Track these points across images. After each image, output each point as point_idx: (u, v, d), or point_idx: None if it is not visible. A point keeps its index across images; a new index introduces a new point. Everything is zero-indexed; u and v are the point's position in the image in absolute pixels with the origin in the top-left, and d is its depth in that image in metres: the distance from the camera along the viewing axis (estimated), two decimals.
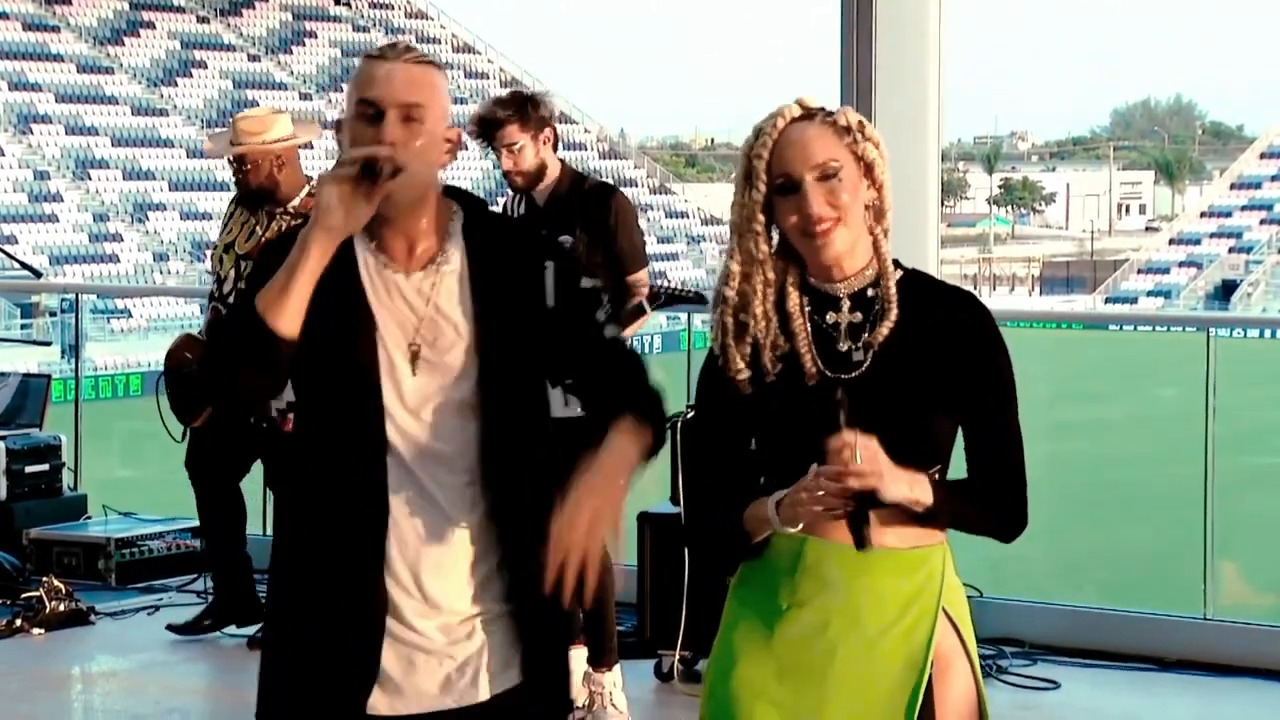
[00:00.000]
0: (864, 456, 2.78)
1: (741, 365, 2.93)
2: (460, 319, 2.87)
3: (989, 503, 2.95)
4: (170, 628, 6.77)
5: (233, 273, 6.55)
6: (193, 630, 6.74)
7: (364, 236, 2.87)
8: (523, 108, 5.62)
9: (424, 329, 2.86)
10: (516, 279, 2.90)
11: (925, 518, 2.90)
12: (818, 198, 2.88)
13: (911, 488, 2.85)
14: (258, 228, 6.57)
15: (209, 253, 6.80)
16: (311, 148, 7.15)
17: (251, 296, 2.83)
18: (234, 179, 6.64)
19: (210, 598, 6.91)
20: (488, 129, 5.60)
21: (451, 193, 2.97)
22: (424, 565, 2.84)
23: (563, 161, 5.71)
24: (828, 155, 2.89)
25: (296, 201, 6.56)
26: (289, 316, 2.79)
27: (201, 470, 6.71)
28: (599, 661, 5.57)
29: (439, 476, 2.85)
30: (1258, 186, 72.06)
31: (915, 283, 2.97)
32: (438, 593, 2.85)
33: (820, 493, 2.80)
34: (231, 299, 6.52)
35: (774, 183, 2.91)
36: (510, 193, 5.79)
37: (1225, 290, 66.23)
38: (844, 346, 2.93)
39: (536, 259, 2.93)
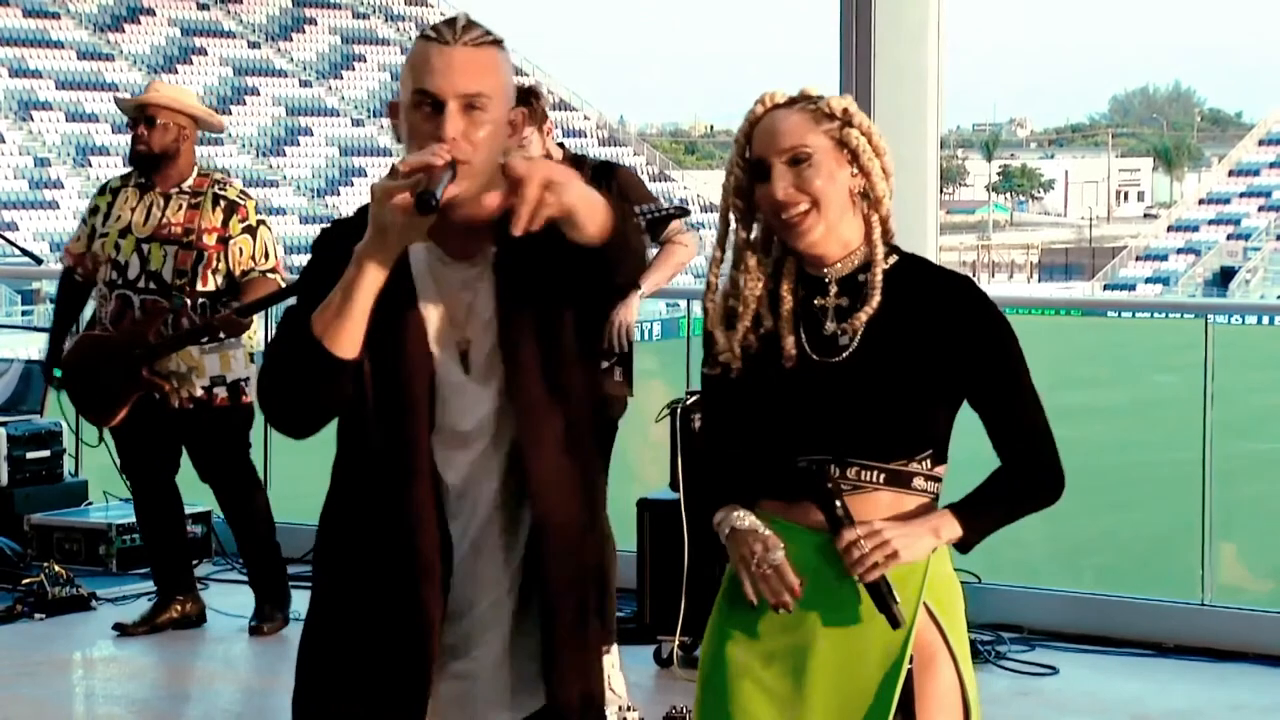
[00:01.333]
0: (871, 544, 2.81)
1: (727, 348, 2.93)
2: (490, 314, 2.69)
3: (1024, 484, 2.95)
4: (117, 627, 6.68)
5: (135, 257, 6.42)
6: (138, 630, 6.63)
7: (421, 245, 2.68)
8: (528, 102, 5.61)
9: (469, 326, 2.69)
10: (540, 264, 2.69)
11: (963, 545, 2.92)
12: (784, 182, 2.88)
13: (937, 534, 2.88)
14: (153, 208, 6.48)
15: (86, 242, 6.54)
16: (219, 132, 7.13)
17: (304, 312, 2.62)
18: (132, 143, 6.51)
19: (155, 596, 6.83)
20: None
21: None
22: (460, 570, 2.71)
23: (562, 145, 5.74)
24: (798, 140, 2.88)
25: (190, 181, 6.52)
26: (350, 339, 2.59)
27: (138, 469, 6.62)
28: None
29: (480, 482, 2.70)
30: (1256, 173, 72.04)
31: (909, 268, 2.95)
32: (469, 593, 2.72)
33: (764, 585, 2.86)
34: (141, 284, 6.41)
35: (749, 167, 2.92)
36: None
37: (1223, 277, 66.25)
38: (830, 330, 2.92)
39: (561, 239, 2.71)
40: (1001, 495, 2.95)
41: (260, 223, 6.54)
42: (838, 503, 2.83)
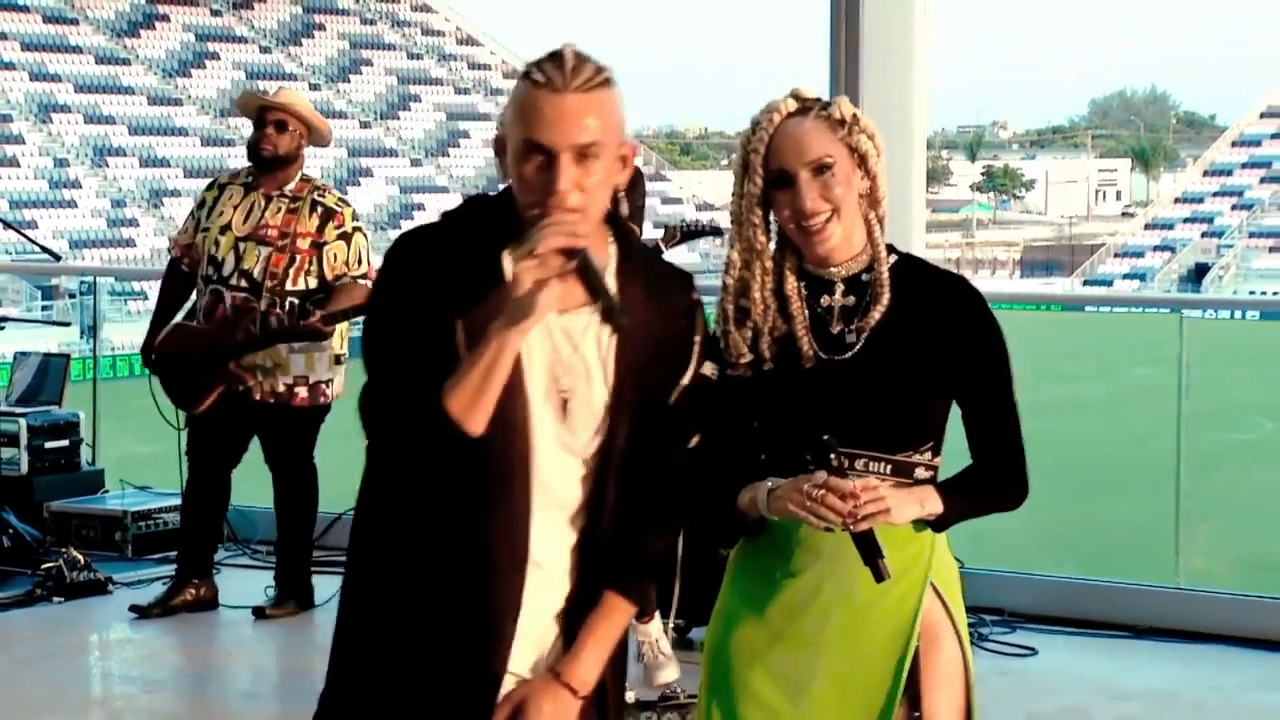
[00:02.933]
0: (867, 497, 2.80)
1: (743, 350, 2.93)
2: (601, 371, 2.55)
3: (993, 485, 2.97)
4: (134, 608, 6.68)
5: (231, 255, 6.45)
6: (154, 611, 6.64)
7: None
8: None
9: (568, 376, 2.54)
10: (663, 341, 2.58)
11: (938, 524, 2.92)
12: (811, 193, 2.87)
13: (922, 505, 2.88)
14: (254, 209, 6.49)
15: (193, 234, 6.57)
16: (325, 145, 7.13)
17: (395, 346, 2.50)
18: (256, 141, 6.51)
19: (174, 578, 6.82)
20: None
21: (608, 221, 2.60)
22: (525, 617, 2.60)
23: None
24: (822, 151, 2.87)
25: (292, 185, 6.53)
26: (483, 417, 2.46)
27: (202, 458, 6.65)
28: (640, 614, 5.54)
29: (557, 527, 2.60)
30: (1229, 174, 72.04)
31: (909, 268, 2.96)
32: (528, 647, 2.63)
33: (820, 506, 2.80)
34: (234, 280, 6.43)
35: (770, 176, 2.90)
36: None
37: (1198, 273, 66.24)
38: (837, 329, 2.92)
39: (688, 328, 2.63)
40: (975, 491, 2.96)
41: (356, 229, 6.54)
42: (832, 457, 2.81)
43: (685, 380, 2.63)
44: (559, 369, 2.55)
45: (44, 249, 9.57)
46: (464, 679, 2.58)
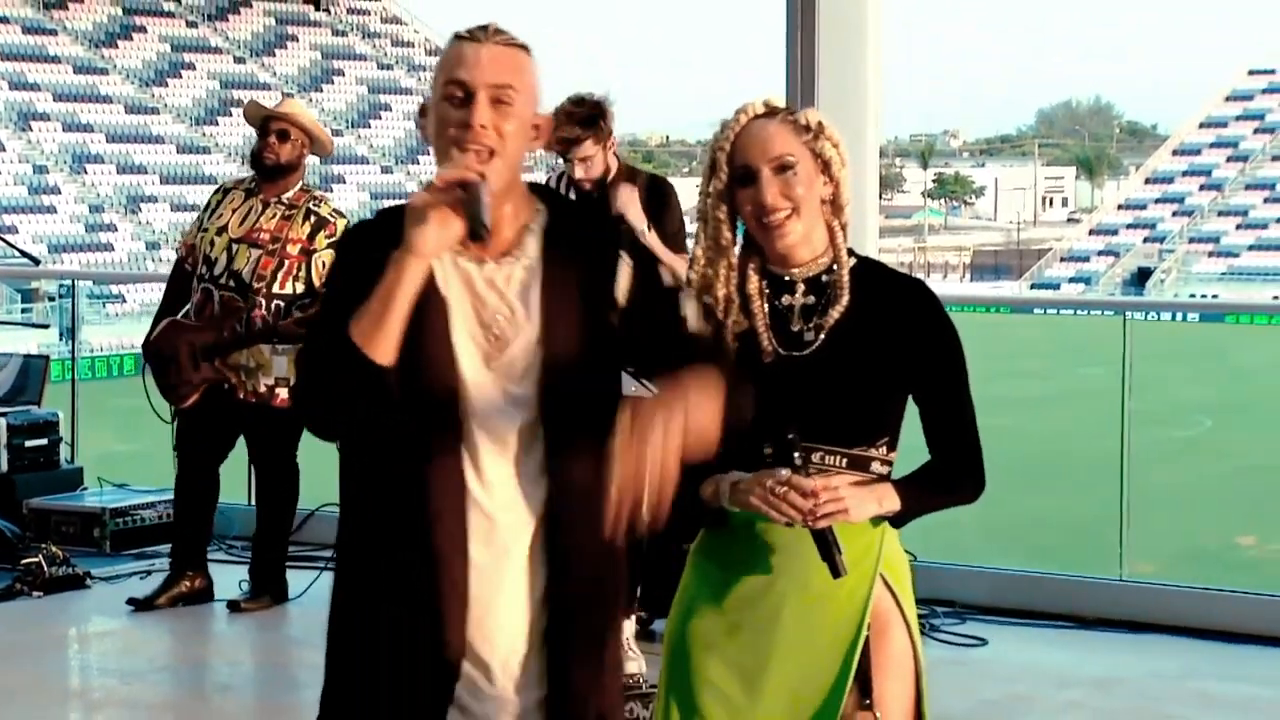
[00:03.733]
0: (827, 496, 2.81)
1: None
2: (526, 314, 2.58)
3: (951, 480, 2.98)
4: (131, 602, 6.66)
5: (224, 255, 6.46)
6: (152, 603, 6.62)
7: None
8: (595, 123, 5.48)
9: (493, 322, 2.58)
10: (590, 275, 2.62)
11: (896, 520, 2.93)
12: (773, 189, 2.89)
13: (880, 503, 2.89)
14: (251, 213, 6.51)
15: (195, 235, 6.60)
16: (326, 156, 7.14)
17: (333, 316, 2.53)
18: (259, 149, 6.53)
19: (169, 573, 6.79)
20: (566, 146, 5.46)
21: (537, 190, 2.67)
22: (477, 560, 2.57)
23: (617, 156, 5.68)
24: (784, 150, 2.90)
25: (290, 194, 6.54)
26: (387, 345, 2.49)
27: (190, 451, 6.65)
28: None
29: (500, 470, 2.57)
30: (1170, 181, 72.43)
31: (869, 271, 2.98)
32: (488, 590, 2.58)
33: (782, 503, 2.81)
34: (223, 280, 6.45)
35: (735, 173, 2.92)
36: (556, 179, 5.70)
37: (1140, 277, 66.57)
38: (796, 327, 2.94)
39: (612, 255, 2.65)
40: (933, 486, 2.97)
41: None
42: (796, 454, 2.82)
43: (620, 295, 2.62)
44: (484, 315, 2.58)
45: (23, 253, 9.52)
46: (419, 648, 2.56)
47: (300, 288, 6.44)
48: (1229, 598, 6.51)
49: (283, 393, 6.46)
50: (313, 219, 6.48)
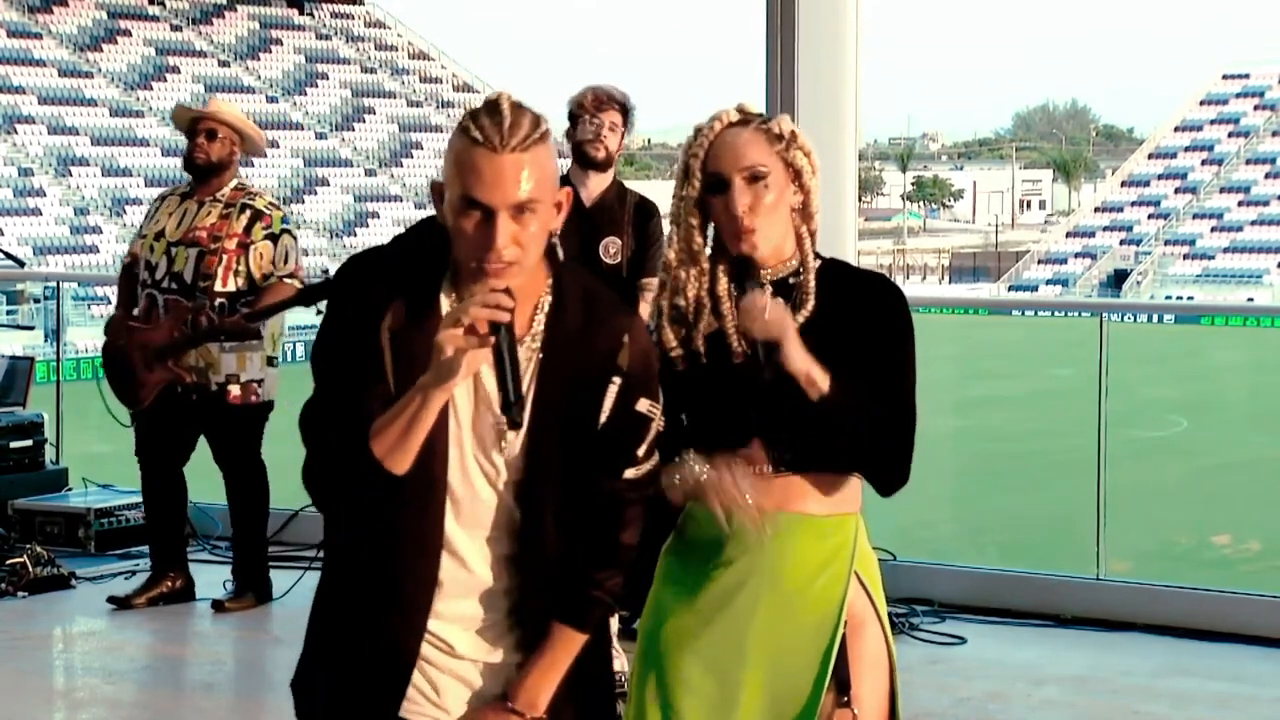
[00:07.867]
0: (772, 314, 2.82)
1: (674, 344, 2.94)
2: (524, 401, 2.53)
3: (877, 434, 2.89)
4: (111, 600, 6.65)
5: (164, 259, 6.46)
6: (132, 602, 6.61)
7: (451, 295, 2.54)
8: (629, 112, 5.72)
9: (489, 406, 2.52)
10: (582, 380, 2.56)
11: (821, 412, 2.84)
12: (744, 198, 2.90)
13: (811, 367, 2.83)
14: (187, 215, 6.50)
15: (137, 242, 6.60)
16: (260, 156, 7.13)
17: (337, 383, 2.51)
18: (189, 150, 6.54)
19: (150, 573, 6.78)
20: (601, 103, 5.62)
21: (550, 257, 2.57)
22: (456, 621, 2.60)
23: (619, 158, 5.79)
24: (757, 159, 2.90)
25: (225, 192, 6.53)
26: (407, 460, 2.47)
27: (150, 455, 6.62)
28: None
29: (478, 544, 2.58)
30: (1146, 184, 72.61)
31: (833, 271, 2.98)
32: (463, 645, 2.61)
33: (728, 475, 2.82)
34: (165, 284, 6.44)
35: (707, 181, 2.93)
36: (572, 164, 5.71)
37: (1117, 279, 66.72)
38: None
39: (606, 369, 2.57)
40: (866, 419, 2.87)
41: (285, 231, 6.54)
42: (748, 282, 2.89)
43: (603, 416, 2.58)
44: (482, 400, 2.54)
45: (8, 255, 9.49)
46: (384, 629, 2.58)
47: (241, 283, 6.43)
48: (1204, 596, 6.53)
49: (234, 389, 6.46)
50: (248, 213, 6.49)
